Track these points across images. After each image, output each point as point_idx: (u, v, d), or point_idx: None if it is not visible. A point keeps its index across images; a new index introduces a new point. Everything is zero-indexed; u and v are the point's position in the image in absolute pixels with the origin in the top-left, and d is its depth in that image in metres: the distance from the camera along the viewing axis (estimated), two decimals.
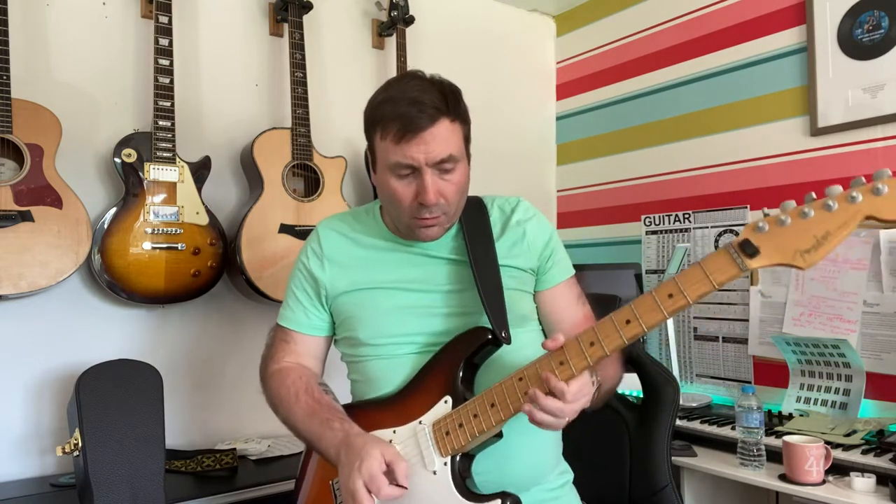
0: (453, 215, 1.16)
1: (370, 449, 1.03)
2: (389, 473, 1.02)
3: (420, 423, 1.09)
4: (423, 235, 1.16)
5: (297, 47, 2.04)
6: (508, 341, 1.11)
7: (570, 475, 1.28)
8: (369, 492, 1.00)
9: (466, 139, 1.15)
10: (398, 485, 1.02)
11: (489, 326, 1.11)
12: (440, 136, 1.07)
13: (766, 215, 0.91)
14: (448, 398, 1.08)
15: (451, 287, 1.19)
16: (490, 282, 1.15)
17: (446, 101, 1.08)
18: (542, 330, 1.27)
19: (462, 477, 1.06)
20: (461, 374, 1.09)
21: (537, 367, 1.02)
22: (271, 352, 1.27)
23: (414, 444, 1.08)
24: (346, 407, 1.22)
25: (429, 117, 1.06)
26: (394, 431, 1.10)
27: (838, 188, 0.87)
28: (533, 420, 1.00)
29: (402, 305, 1.18)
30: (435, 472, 1.06)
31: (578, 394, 0.99)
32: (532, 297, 1.25)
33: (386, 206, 1.20)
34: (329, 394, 1.21)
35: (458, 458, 1.06)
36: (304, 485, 1.25)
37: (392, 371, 1.17)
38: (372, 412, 1.16)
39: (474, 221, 1.21)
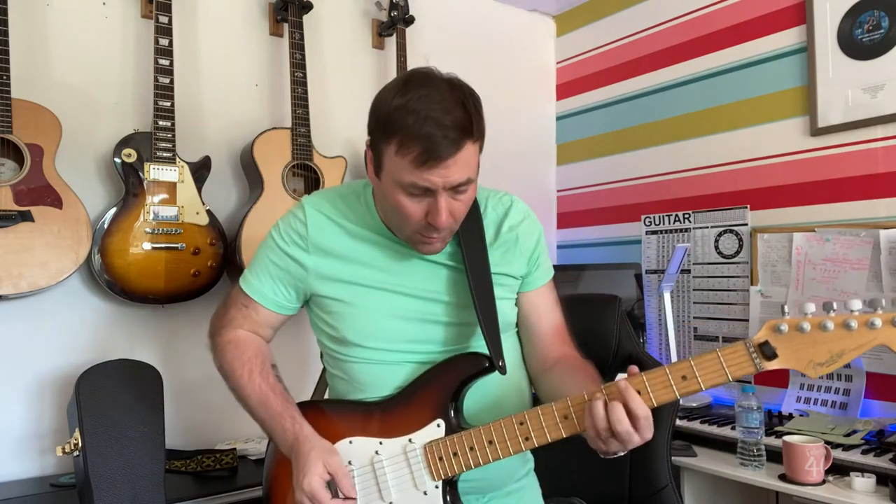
0: (456, 229, 1.13)
1: (312, 464, 1.04)
2: (338, 482, 1.04)
3: (410, 441, 1.08)
4: (426, 250, 1.12)
5: (297, 47, 2.04)
6: (504, 372, 1.10)
7: (532, 461, 1.28)
8: None
9: (481, 151, 1.08)
10: (346, 497, 1.04)
11: (487, 353, 1.10)
12: (461, 161, 1.00)
13: (784, 314, 0.92)
14: (441, 422, 1.08)
15: (448, 297, 1.16)
16: (485, 297, 1.13)
17: (470, 119, 1.00)
18: (518, 333, 1.26)
19: (452, 501, 1.07)
20: (454, 398, 1.09)
21: (540, 415, 1.01)
22: (229, 312, 1.24)
23: (404, 462, 1.08)
24: (329, 402, 1.22)
25: (453, 143, 0.98)
26: (380, 443, 1.10)
27: (858, 304, 0.89)
28: (599, 445, 0.96)
29: (397, 310, 1.14)
30: (426, 493, 1.06)
31: (650, 421, 0.94)
32: (515, 302, 1.24)
33: (386, 213, 1.14)
34: (280, 381, 1.18)
35: (448, 481, 1.08)
36: (275, 492, 1.21)
37: (381, 377, 1.15)
38: (357, 416, 1.14)
39: (469, 225, 1.16)
